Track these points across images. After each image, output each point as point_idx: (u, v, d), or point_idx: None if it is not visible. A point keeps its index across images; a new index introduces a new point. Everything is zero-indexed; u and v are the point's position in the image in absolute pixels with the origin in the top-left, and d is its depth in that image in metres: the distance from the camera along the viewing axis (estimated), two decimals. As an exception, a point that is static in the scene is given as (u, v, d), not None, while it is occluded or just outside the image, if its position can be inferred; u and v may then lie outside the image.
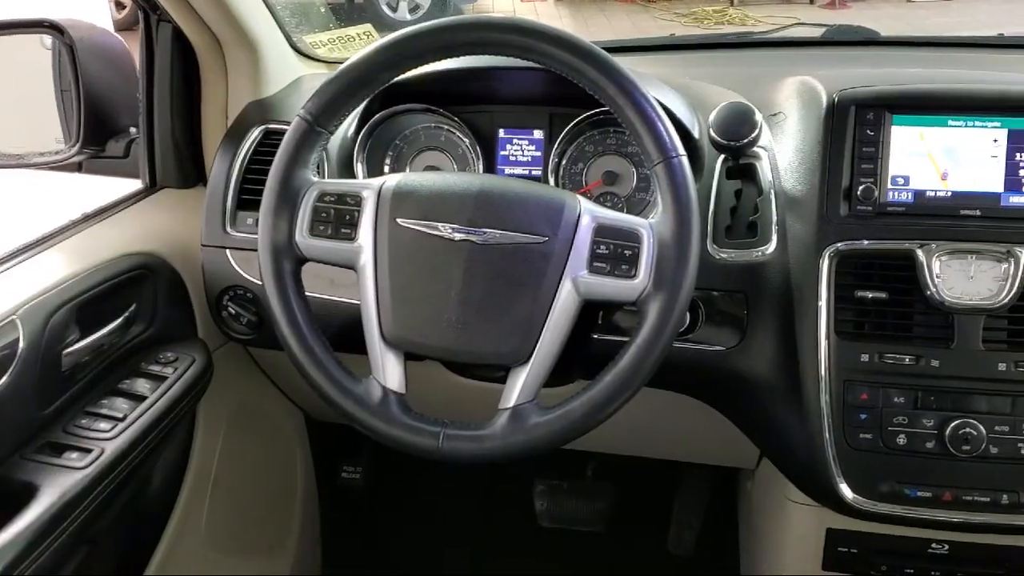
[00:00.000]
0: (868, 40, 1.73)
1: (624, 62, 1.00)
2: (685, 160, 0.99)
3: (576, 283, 1.00)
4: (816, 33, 1.80)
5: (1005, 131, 1.11)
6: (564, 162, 1.32)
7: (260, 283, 1.06)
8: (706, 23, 8.24)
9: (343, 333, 1.13)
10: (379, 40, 1.05)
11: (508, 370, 1.02)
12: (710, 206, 1.21)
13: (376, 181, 1.06)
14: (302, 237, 1.04)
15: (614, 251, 1.00)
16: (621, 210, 1.25)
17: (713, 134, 1.16)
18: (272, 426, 1.72)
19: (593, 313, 1.20)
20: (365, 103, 1.32)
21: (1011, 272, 1.07)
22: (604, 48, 1.00)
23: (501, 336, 1.00)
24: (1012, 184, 1.11)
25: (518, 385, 1.00)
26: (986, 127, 1.12)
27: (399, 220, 1.02)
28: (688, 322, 1.19)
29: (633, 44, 1.74)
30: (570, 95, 1.04)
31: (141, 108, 1.43)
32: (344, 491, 1.97)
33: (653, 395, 1.28)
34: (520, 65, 1.06)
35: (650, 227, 1.00)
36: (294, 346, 1.03)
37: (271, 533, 1.74)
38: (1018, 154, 1.11)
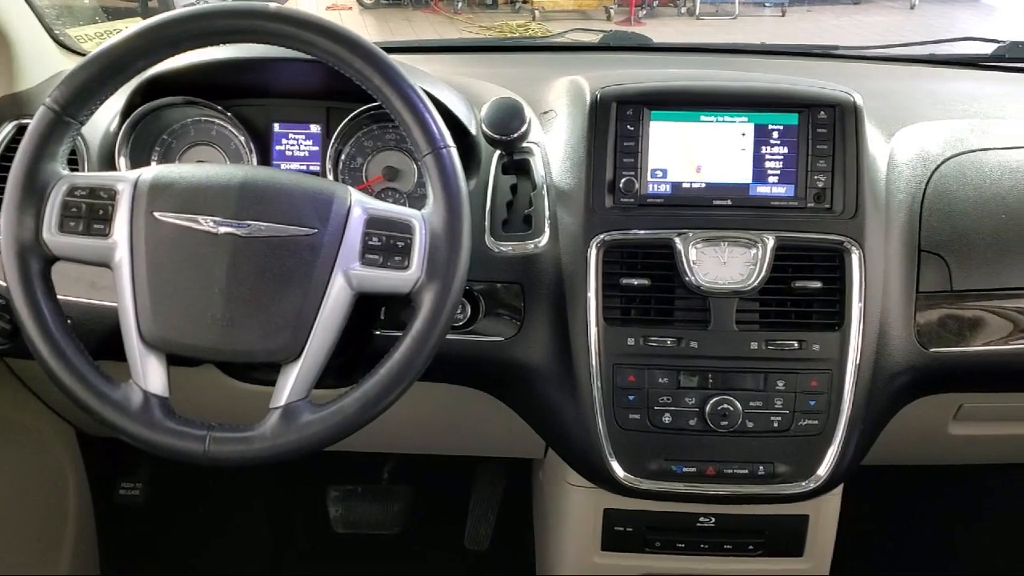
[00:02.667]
0: (642, 46, 1.82)
1: (409, 60, 1.00)
2: (454, 151, 1.00)
3: (348, 276, 0.98)
4: (594, 39, 1.88)
5: (752, 125, 1.19)
6: (343, 157, 1.31)
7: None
8: (510, 36, 8.43)
9: (108, 339, 1.07)
10: (133, 26, 1.00)
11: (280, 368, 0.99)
12: (487, 200, 1.23)
13: (132, 173, 1.01)
14: (50, 234, 0.97)
15: (386, 243, 0.99)
16: (404, 206, 1.25)
17: (485, 128, 1.18)
18: (38, 442, 1.60)
19: (373, 308, 1.19)
20: (128, 95, 1.26)
21: (759, 257, 1.15)
22: (388, 47, 1.00)
23: (270, 332, 0.98)
24: (759, 175, 1.19)
25: (289, 383, 0.98)
26: (735, 122, 1.20)
27: (157, 214, 0.98)
28: (468, 315, 1.21)
29: (417, 45, 1.76)
30: (348, 89, 1.03)
31: None
32: (123, 509, 1.86)
33: (439, 390, 1.29)
34: (292, 56, 1.04)
35: (422, 218, 1.00)
36: (43, 350, 0.96)
37: (39, 557, 1.61)
38: (763, 147, 1.19)
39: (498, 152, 1.25)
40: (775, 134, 1.19)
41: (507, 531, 1.95)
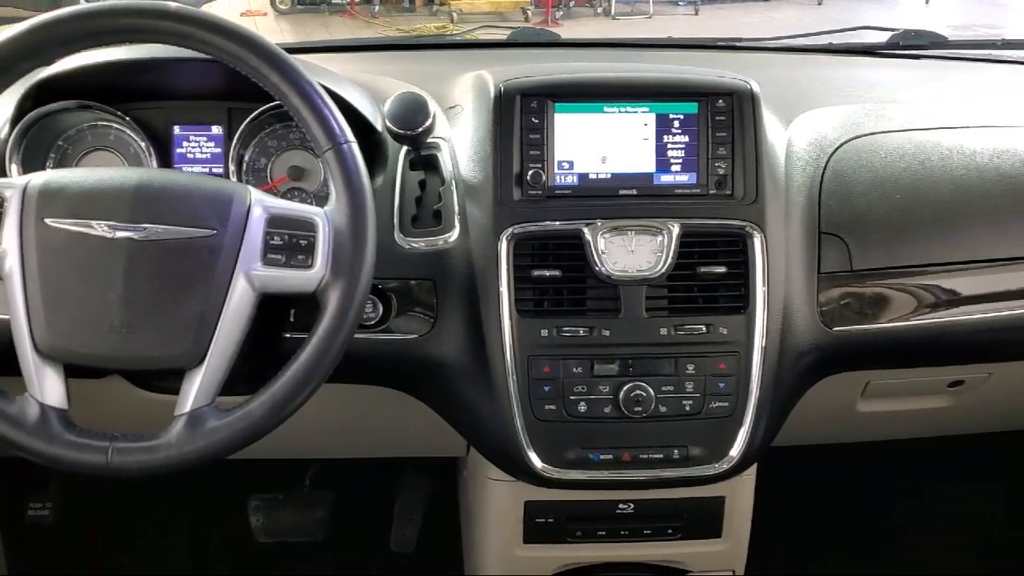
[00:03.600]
0: (550, 42, 1.84)
1: (315, 61, 0.98)
2: (355, 146, 1.00)
3: (250, 277, 0.97)
4: (503, 36, 1.88)
5: (653, 115, 1.21)
6: (247, 158, 1.28)
7: None
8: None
9: (3, 353, 1.02)
10: (20, 23, 0.97)
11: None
12: (395, 197, 1.22)
13: (20, 179, 0.97)
14: None
15: (289, 241, 0.98)
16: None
17: (389, 124, 1.17)
18: None
19: (281, 310, 1.17)
20: (18, 99, 1.21)
21: (665, 244, 1.17)
22: (294, 48, 0.99)
23: (171, 338, 0.95)
24: (662, 164, 1.21)
25: (193, 389, 0.96)
26: (637, 112, 1.21)
27: (48, 220, 0.95)
28: (380, 313, 1.20)
29: (323, 45, 1.74)
30: (250, 89, 1.01)
31: None
32: (33, 529, 1.79)
33: (356, 391, 1.28)
34: (190, 56, 1.01)
35: (325, 215, 0.99)
36: None
37: None
38: (665, 136, 1.21)
39: (405, 148, 1.25)
40: (676, 123, 1.21)
41: (436, 533, 1.94)
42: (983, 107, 1.46)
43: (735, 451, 1.18)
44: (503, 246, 1.16)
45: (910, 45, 1.76)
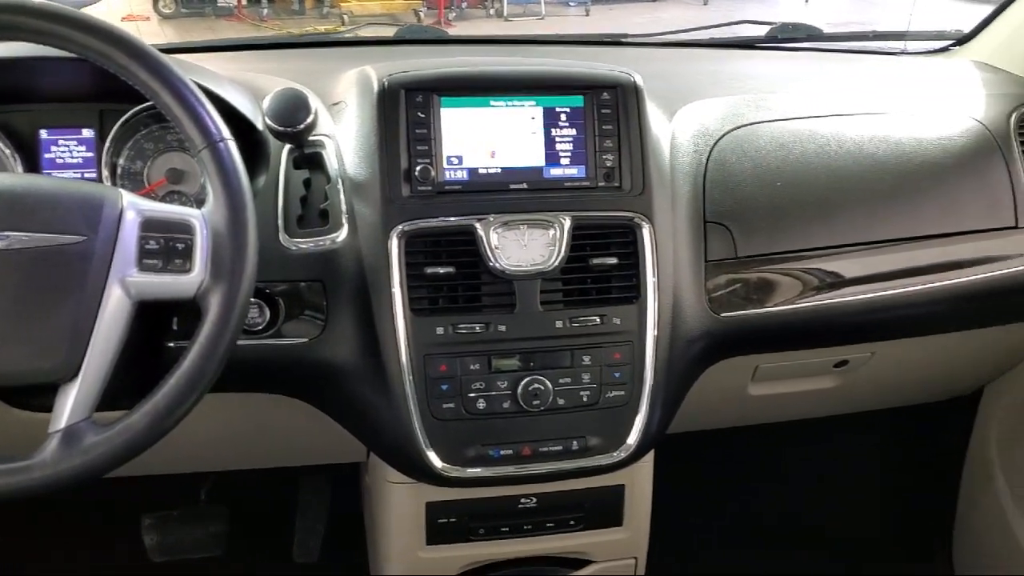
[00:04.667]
0: (438, 39, 1.82)
1: (195, 60, 0.94)
2: (231, 144, 0.96)
3: (125, 284, 0.93)
4: (390, 33, 1.86)
5: (540, 109, 1.21)
6: (122, 161, 1.23)
7: None
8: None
9: None
10: None
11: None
12: (279, 197, 1.19)
13: None
14: None
15: (165, 245, 0.94)
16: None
17: (269, 121, 1.14)
18: None
19: (162, 318, 1.12)
20: None
21: (557, 238, 1.17)
22: (171, 48, 0.95)
23: (42, 351, 0.90)
24: (551, 157, 1.21)
25: (68, 404, 0.91)
26: (524, 106, 1.21)
27: None
28: (268, 318, 1.16)
29: (203, 45, 1.67)
30: (123, 89, 0.97)
31: None
32: None
33: (248, 400, 1.24)
34: (54, 55, 0.96)
35: (203, 217, 0.96)
36: None
37: None
38: (553, 129, 1.21)
39: (288, 147, 1.21)
40: (563, 116, 1.21)
41: (340, 540, 1.91)
42: (857, 96, 1.52)
43: (632, 439, 1.19)
44: (393, 244, 1.14)
45: (788, 38, 1.82)
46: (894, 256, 1.33)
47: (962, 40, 1.77)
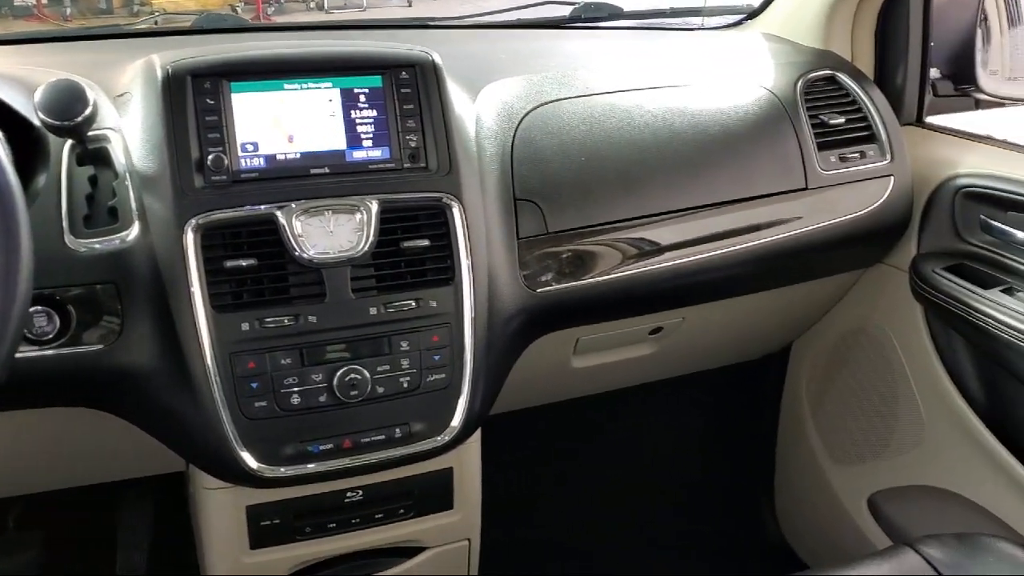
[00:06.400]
0: (237, 27, 1.75)
1: None
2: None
3: None
4: (187, 23, 1.77)
5: (337, 91, 1.18)
6: None
7: None
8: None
9: None
10: None
11: None
12: (61, 196, 1.10)
13: None
14: None
15: None
16: None
17: (42, 116, 1.06)
18: None
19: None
20: None
21: (365, 222, 1.14)
22: None
23: None
24: (353, 140, 1.18)
25: None
26: (320, 88, 1.17)
27: None
28: (58, 326, 1.08)
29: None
30: None
31: None
32: None
33: (47, 416, 1.17)
34: None
35: None
36: None
37: None
38: (352, 111, 1.18)
39: (69, 143, 1.13)
40: (362, 98, 1.19)
41: (167, 553, 1.81)
42: (657, 70, 1.56)
43: (456, 421, 1.18)
44: (189, 238, 1.08)
45: (591, 17, 1.85)
46: (697, 223, 1.37)
47: (753, 14, 1.85)
